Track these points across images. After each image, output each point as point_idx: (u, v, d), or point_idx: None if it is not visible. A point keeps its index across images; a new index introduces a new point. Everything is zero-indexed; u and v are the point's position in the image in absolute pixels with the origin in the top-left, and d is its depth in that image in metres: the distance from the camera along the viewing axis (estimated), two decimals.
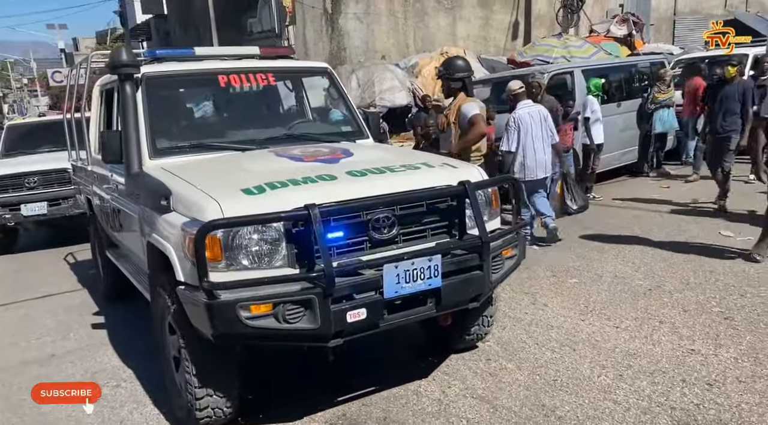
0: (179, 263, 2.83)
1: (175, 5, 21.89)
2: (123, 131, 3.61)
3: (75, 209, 7.95)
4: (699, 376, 3.40)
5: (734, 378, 3.35)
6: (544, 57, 11.79)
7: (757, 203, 6.29)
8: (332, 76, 4.66)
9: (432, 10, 15.21)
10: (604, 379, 3.46)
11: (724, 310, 4.27)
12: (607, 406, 3.18)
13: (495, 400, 3.34)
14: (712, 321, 4.13)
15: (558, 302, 4.70)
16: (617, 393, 3.30)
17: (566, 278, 5.21)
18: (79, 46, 43.82)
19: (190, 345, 2.95)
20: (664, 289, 4.78)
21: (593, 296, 4.77)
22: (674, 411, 3.08)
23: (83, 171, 5.58)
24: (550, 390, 3.40)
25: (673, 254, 5.62)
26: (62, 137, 8.39)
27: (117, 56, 3.67)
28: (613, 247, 6.03)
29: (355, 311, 2.74)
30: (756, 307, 4.27)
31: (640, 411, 3.11)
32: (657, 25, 17.72)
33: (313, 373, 3.84)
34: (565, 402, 3.25)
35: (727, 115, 6.97)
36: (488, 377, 3.62)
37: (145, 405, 3.65)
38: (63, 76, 23.36)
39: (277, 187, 2.89)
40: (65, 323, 5.28)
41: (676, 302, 4.48)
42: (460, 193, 3.10)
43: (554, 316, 4.44)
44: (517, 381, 3.53)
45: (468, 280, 3.05)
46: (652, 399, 3.20)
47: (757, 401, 3.11)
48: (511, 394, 3.39)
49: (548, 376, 3.56)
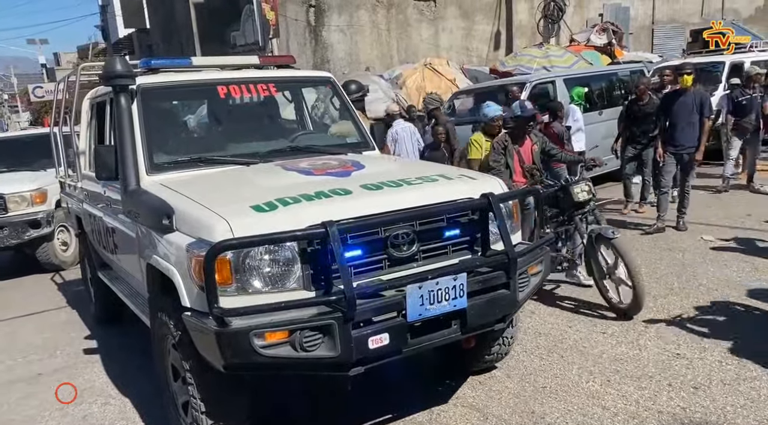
0: (185, 287, 2.66)
1: (157, 19, 21.85)
2: (118, 145, 3.43)
3: (11, 239, 7.32)
4: (685, 380, 3.46)
5: (719, 381, 3.41)
6: (526, 67, 11.93)
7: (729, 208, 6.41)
8: (335, 85, 4.51)
9: (415, 21, 15.35)
10: (592, 385, 3.51)
11: (708, 314, 4.34)
12: (596, 412, 3.22)
13: (485, 408, 3.37)
14: (696, 325, 4.20)
15: (545, 310, 4.75)
16: (605, 398, 3.35)
17: (552, 285, 5.26)
18: (60, 60, 43.44)
19: (196, 374, 2.76)
20: (648, 294, 4.83)
21: (580, 302, 4.83)
22: (662, 415, 3.13)
23: (73, 188, 5.39)
24: (540, 396, 3.44)
25: (657, 259, 5.71)
26: (17, 156, 7.92)
27: (111, 67, 3.47)
28: None
29: (377, 337, 2.55)
30: (738, 311, 4.35)
31: (629, 415, 3.15)
32: (636, 34, 18.01)
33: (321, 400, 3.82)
34: (554, 409, 3.29)
35: (687, 127, 6.44)
36: (478, 385, 3.64)
37: (135, 422, 3.63)
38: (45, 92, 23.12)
39: (290, 203, 2.71)
40: (52, 341, 5.23)
41: (661, 307, 4.55)
42: (483, 206, 2.91)
43: (542, 323, 4.49)
44: (507, 389, 3.56)
45: (494, 300, 2.87)
46: (639, 404, 3.25)
47: (741, 403, 3.17)
48: (501, 402, 3.42)
49: (537, 383, 3.60)
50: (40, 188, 7.51)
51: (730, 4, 19.50)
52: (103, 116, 4.34)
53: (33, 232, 7.41)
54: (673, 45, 17.71)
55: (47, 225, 7.48)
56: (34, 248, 7.62)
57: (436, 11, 15.55)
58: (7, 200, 7.29)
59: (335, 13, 14.38)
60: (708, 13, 19.24)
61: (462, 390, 3.60)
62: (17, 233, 7.31)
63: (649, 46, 18.13)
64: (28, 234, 7.39)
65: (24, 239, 7.38)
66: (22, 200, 7.40)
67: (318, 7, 14.32)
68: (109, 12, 29.42)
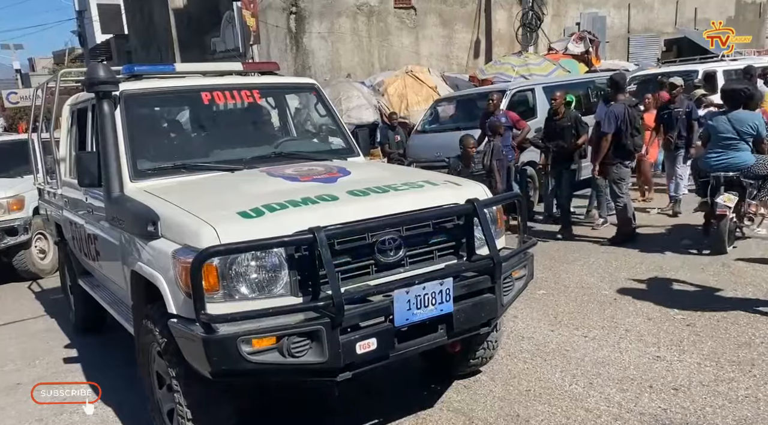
0: (171, 294, 2.64)
1: (135, 25, 21.65)
2: (101, 152, 3.41)
3: None
4: (665, 382, 3.53)
5: (698, 383, 3.48)
6: (505, 75, 12.07)
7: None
8: (320, 92, 4.51)
9: (395, 29, 15.44)
10: (576, 388, 3.56)
11: (686, 317, 4.43)
12: (580, 414, 3.27)
13: (471, 412, 3.40)
14: (675, 327, 4.28)
15: (527, 314, 4.80)
16: (588, 401, 3.40)
17: (534, 290, 5.31)
18: (35, 66, 42.75)
19: (182, 381, 2.74)
20: (628, 298, 4.93)
21: (561, 306, 4.90)
22: (643, 417, 3.18)
23: (52, 195, 5.31)
24: (524, 400, 3.47)
25: (637, 264, 5.81)
26: None
27: (94, 73, 3.46)
28: (579, 258, 6.19)
29: (365, 342, 2.56)
30: (716, 313, 4.45)
31: (611, 417, 3.21)
32: (612, 43, 18.32)
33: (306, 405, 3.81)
34: (538, 412, 3.32)
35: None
36: (463, 389, 3.67)
37: None
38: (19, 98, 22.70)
39: (276, 209, 2.72)
40: (30, 350, 5.13)
41: (641, 311, 4.63)
42: (468, 211, 2.96)
43: (524, 327, 4.54)
44: (492, 393, 3.60)
45: (480, 304, 2.91)
46: (622, 406, 3.31)
47: (720, 403, 3.24)
48: (487, 406, 3.45)
49: (521, 386, 3.63)
50: (16, 195, 7.38)
51: (701, 15, 19.96)
52: (84, 123, 4.29)
53: (9, 239, 7.25)
54: (648, 54, 18.07)
55: (24, 233, 7.34)
56: (10, 256, 7.47)
57: (416, 19, 15.67)
58: None
59: (316, 20, 14.41)
60: (681, 23, 19.69)
61: (447, 394, 3.63)
62: None
63: (625, 54, 18.47)
64: (5, 242, 7.23)
65: (0, 246, 7.24)
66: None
67: (299, 14, 14.34)
68: (86, 17, 29.11)
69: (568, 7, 17.85)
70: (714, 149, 5.79)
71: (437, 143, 8.79)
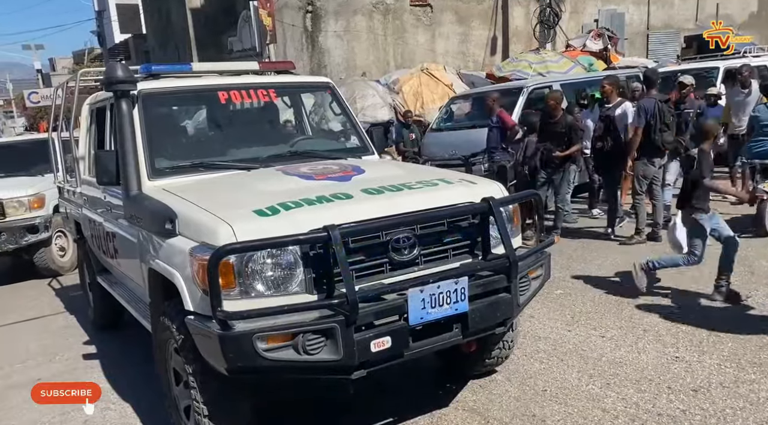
0: (187, 291, 2.68)
1: (153, 24, 21.87)
2: (119, 150, 3.46)
3: (8, 244, 7.31)
4: (684, 383, 3.48)
5: (718, 384, 3.43)
6: (522, 72, 11.98)
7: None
8: (335, 91, 4.54)
9: (411, 26, 15.40)
10: (592, 388, 3.52)
11: (707, 317, 4.37)
12: (596, 414, 3.23)
13: (486, 412, 3.38)
14: (694, 328, 4.22)
15: (544, 313, 4.76)
16: (605, 401, 3.36)
17: (551, 289, 5.27)
18: (56, 66, 43.42)
19: (198, 378, 2.77)
20: (647, 298, 4.87)
21: (578, 306, 4.85)
22: (661, 418, 3.15)
23: (71, 193, 5.39)
24: (540, 400, 3.45)
25: None
26: (14, 161, 7.87)
27: (112, 72, 3.49)
28: (597, 257, 6.13)
29: (379, 340, 2.57)
30: (737, 314, 4.38)
31: (629, 418, 3.17)
32: (631, 40, 18.09)
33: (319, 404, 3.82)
34: (554, 412, 3.30)
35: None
36: (479, 389, 3.65)
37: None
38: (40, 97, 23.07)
39: (291, 207, 2.74)
40: (50, 346, 5.21)
41: (660, 311, 4.57)
42: (484, 210, 2.93)
43: (541, 327, 4.50)
44: (508, 393, 3.57)
45: (495, 303, 2.89)
46: (639, 407, 3.27)
47: (741, 405, 3.19)
48: (502, 406, 3.43)
49: (537, 386, 3.61)
50: (37, 194, 7.51)
51: (723, 10, 19.61)
52: (102, 122, 4.35)
53: (30, 237, 7.39)
54: (668, 50, 17.82)
55: (45, 230, 7.47)
56: (31, 254, 7.61)
57: (432, 17, 15.61)
58: (4, 205, 7.28)
59: (332, 18, 14.42)
60: (702, 19, 19.35)
61: (463, 393, 3.61)
62: (15, 239, 7.30)
63: (644, 51, 18.23)
64: (26, 239, 7.37)
65: (21, 244, 7.37)
66: (19, 206, 7.39)
67: (315, 13, 14.36)
68: (105, 17, 29.47)
69: (586, 4, 17.67)
70: (757, 138, 6.27)
71: (452, 141, 8.77)
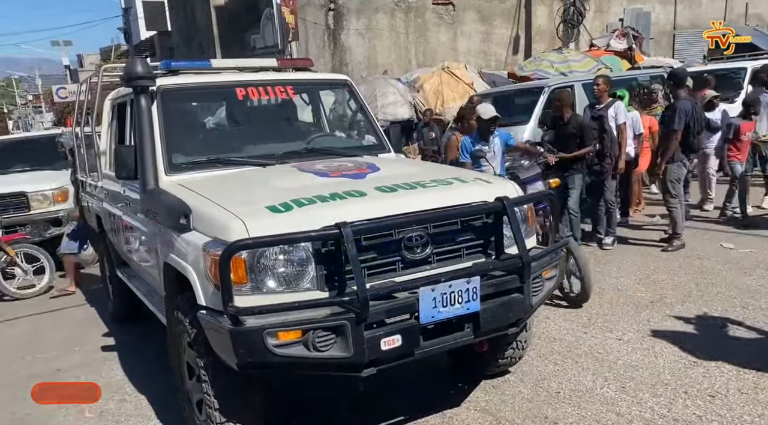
0: (200, 286, 2.69)
1: (179, 22, 22.12)
2: (138, 145, 3.49)
3: (33, 236, 7.40)
4: (701, 388, 3.42)
5: (736, 390, 3.36)
6: (545, 71, 11.86)
7: None
8: (352, 88, 4.55)
9: (433, 25, 15.35)
10: (607, 391, 3.48)
11: (726, 322, 4.29)
12: (610, 418, 3.19)
13: (498, 413, 3.36)
14: (713, 333, 4.14)
15: (560, 315, 4.72)
16: (620, 405, 3.32)
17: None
18: (83, 62, 44.16)
19: (210, 372, 2.79)
20: (665, 301, 4.80)
21: (595, 308, 4.79)
22: (677, 423, 3.10)
23: (93, 187, 5.47)
24: (553, 402, 3.42)
25: (675, 266, 5.64)
26: (40, 155, 7.99)
27: (132, 68, 3.52)
28: (614, 259, 6.05)
29: (389, 338, 2.57)
30: (758, 319, 4.29)
31: (643, 422, 3.13)
32: (657, 39, 17.80)
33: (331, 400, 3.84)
34: (567, 415, 3.27)
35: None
36: (491, 389, 3.63)
37: (150, 419, 3.68)
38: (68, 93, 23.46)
39: (305, 204, 2.74)
40: (70, 338, 5.31)
41: (678, 315, 4.50)
42: (498, 209, 2.91)
43: (556, 328, 4.46)
44: (521, 394, 3.55)
45: (508, 303, 2.88)
46: (654, 411, 3.22)
47: (759, 412, 3.12)
48: (515, 407, 3.41)
49: (551, 388, 3.58)
50: (61, 187, 7.66)
51: (753, 9, 19.22)
52: (123, 117, 4.40)
53: (54, 230, 7.56)
54: (694, 51, 17.45)
55: (68, 223, 7.60)
56: (55, 246, 7.72)
57: (454, 15, 15.54)
58: (29, 198, 7.45)
59: (354, 16, 14.44)
60: (731, 19, 18.96)
61: (475, 393, 3.60)
62: (39, 231, 7.47)
63: (670, 51, 17.92)
64: (50, 232, 7.55)
65: (45, 236, 7.53)
66: (44, 199, 7.56)
67: (337, 11, 14.39)
68: (132, 15, 29.83)
69: (611, 3, 17.43)
70: None
71: None
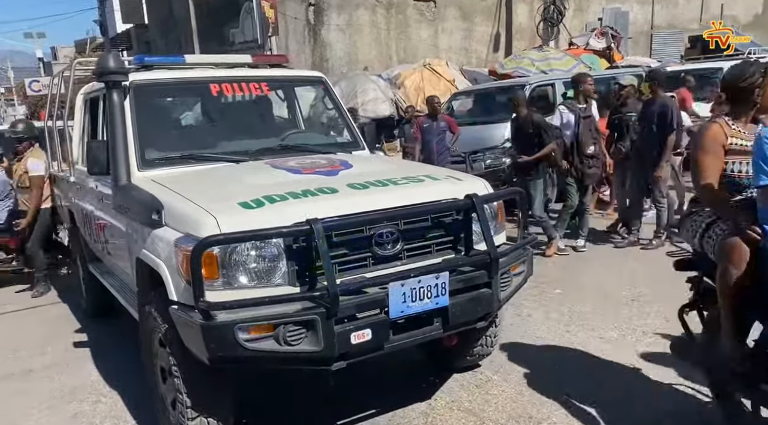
0: (172, 282, 2.70)
1: (156, 15, 21.78)
2: (110, 141, 3.46)
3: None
4: (685, 385, 3.42)
5: None
6: (525, 69, 11.91)
7: None
8: (327, 85, 4.56)
9: (414, 22, 15.32)
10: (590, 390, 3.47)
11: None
12: (594, 418, 3.17)
13: (482, 413, 3.33)
14: (693, 330, 4.16)
15: (542, 313, 4.71)
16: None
17: (550, 289, 5.24)
18: (57, 55, 43.22)
19: (182, 367, 2.79)
20: (645, 299, 4.82)
21: (577, 306, 4.80)
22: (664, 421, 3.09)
23: (65, 182, 5.39)
24: (537, 401, 3.40)
25: (655, 265, 5.66)
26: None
27: (104, 63, 3.49)
28: (597, 257, 6.08)
29: (359, 332, 2.61)
30: None
31: (628, 421, 3.11)
32: (635, 39, 18.00)
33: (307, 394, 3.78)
34: (551, 414, 3.25)
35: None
36: (474, 389, 3.60)
37: (126, 421, 3.58)
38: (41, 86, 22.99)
39: (276, 200, 2.77)
40: (42, 337, 5.15)
41: (658, 313, 4.52)
42: (467, 206, 2.97)
43: (539, 327, 4.45)
44: (504, 393, 3.52)
45: (476, 298, 2.93)
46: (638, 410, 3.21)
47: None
48: (498, 406, 3.38)
49: (535, 388, 3.55)
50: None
51: (728, 11, 19.54)
52: (96, 112, 4.35)
53: None
54: (671, 50, 17.71)
55: None
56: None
57: (435, 12, 15.53)
58: None
59: (335, 12, 14.34)
60: (706, 20, 19.26)
61: (458, 393, 3.56)
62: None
63: (647, 51, 18.14)
64: None
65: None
66: None
67: (317, 6, 14.28)
68: (108, 7, 29.30)
69: (590, 2, 17.59)
70: None
71: None
